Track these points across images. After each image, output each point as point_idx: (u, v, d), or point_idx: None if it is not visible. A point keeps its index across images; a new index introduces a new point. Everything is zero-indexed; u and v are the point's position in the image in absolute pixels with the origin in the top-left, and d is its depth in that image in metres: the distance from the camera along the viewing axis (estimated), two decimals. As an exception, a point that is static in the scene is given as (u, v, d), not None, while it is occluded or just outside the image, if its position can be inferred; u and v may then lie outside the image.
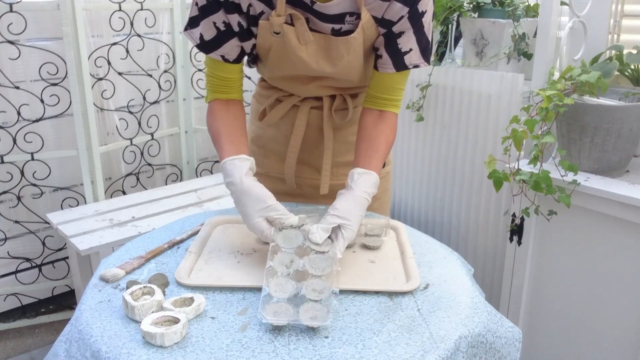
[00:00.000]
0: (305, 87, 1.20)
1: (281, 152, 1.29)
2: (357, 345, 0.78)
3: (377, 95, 1.16)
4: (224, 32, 1.10)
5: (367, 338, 0.80)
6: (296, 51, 1.09)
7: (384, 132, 1.14)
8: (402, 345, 0.78)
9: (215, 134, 1.13)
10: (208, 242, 1.08)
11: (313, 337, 0.80)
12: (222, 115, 1.15)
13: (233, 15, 1.08)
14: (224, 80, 1.16)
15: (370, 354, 0.76)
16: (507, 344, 0.90)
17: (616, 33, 1.75)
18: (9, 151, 2.06)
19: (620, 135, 1.47)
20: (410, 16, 1.07)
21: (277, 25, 1.06)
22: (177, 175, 2.63)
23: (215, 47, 1.11)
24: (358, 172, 1.06)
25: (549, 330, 1.67)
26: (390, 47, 1.10)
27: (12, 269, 2.21)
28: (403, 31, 1.08)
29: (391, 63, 1.12)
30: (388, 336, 0.80)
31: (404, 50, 1.10)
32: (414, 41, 1.10)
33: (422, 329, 0.82)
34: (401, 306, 0.88)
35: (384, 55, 1.12)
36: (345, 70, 1.13)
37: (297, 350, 0.77)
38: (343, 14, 1.07)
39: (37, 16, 2.05)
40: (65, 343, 0.86)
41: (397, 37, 1.09)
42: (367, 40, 1.10)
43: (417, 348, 0.78)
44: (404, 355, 0.76)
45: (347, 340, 0.79)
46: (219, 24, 1.09)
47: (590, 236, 1.52)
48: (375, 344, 0.78)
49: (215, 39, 1.10)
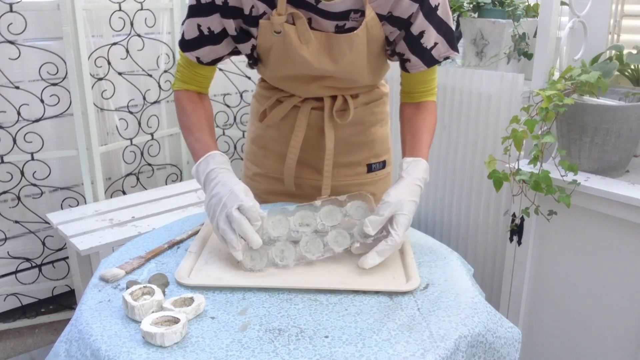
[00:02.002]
0: (307, 87, 1.20)
1: (282, 153, 1.29)
2: (357, 344, 0.78)
3: (412, 90, 1.19)
4: (206, 37, 1.11)
5: (367, 337, 0.80)
6: (297, 50, 1.09)
7: (424, 119, 1.17)
8: (402, 344, 0.78)
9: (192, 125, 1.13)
10: (208, 242, 1.08)
11: (313, 337, 0.80)
12: (196, 106, 1.16)
13: (229, 20, 1.08)
14: (197, 76, 1.18)
15: (370, 352, 0.76)
16: (506, 344, 0.90)
17: (616, 33, 1.75)
18: (9, 151, 2.06)
19: (620, 135, 1.47)
20: (425, 14, 1.07)
21: (278, 24, 1.06)
22: (177, 175, 2.63)
23: (192, 48, 1.13)
24: (407, 161, 1.08)
25: (549, 330, 1.67)
26: (416, 49, 1.11)
27: (12, 269, 2.21)
28: (423, 30, 1.09)
29: (421, 62, 1.13)
30: (388, 334, 0.80)
31: (430, 47, 1.11)
32: (437, 35, 1.11)
33: (422, 327, 0.82)
34: (401, 306, 0.88)
35: (412, 59, 1.13)
36: (347, 68, 1.13)
37: (297, 350, 0.77)
38: (348, 11, 1.07)
39: (37, 16, 2.05)
40: (65, 343, 0.86)
41: (420, 38, 1.10)
42: (371, 40, 1.10)
43: (417, 347, 0.78)
44: (404, 353, 0.76)
45: (347, 340, 0.79)
46: (204, 27, 1.10)
47: (590, 236, 1.52)
48: (375, 343, 0.78)
49: (196, 40, 1.12)
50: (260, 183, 1.35)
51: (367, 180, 1.32)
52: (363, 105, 1.28)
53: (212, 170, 1.03)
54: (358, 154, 1.30)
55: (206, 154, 1.06)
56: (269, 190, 1.34)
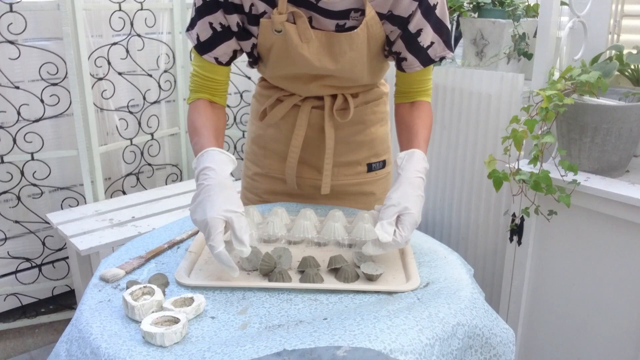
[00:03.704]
0: (307, 86, 1.20)
1: (282, 152, 1.29)
2: (356, 318, 0.80)
3: (407, 90, 1.19)
4: (220, 33, 1.10)
5: (365, 314, 0.81)
6: (298, 49, 1.09)
7: (418, 117, 1.16)
8: (401, 319, 0.80)
9: (200, 126, 1.08)
10: (208, 242, 1.08)
11: (312, 322, 0.80)
12: (208, 112, 1.13)
13: (232, 15, 1.08)
14: (211, 82, 1.15)
15: (369, 324, 0.78)
16: (502, 342, 0.91)
17: (616, 33, 1.75)
18: (9, 151, 2.06)
19: (620, 135, 1.47)
20: (423, 12, 1.07)
21: (279, 23, 1.06)
22: (177, 175, 2.63)
23: (210, 49, 1.11)
24: (400, 156, 1.06)
25: (549, 330, 1.67)
26: (413, 47, 1.11)
27: (12, 269, 2.21)
28: (421, 28, 1.09)
29: (417, 61, 1.13)
30: (387, 312, 0.82)
31: (427, 45, 1.11)
32: (434, 34, 1.11)
33: (421, 309, 0.83)
34: (400, 297, 0.90)
35: (408, 57, 1.13)
36: (347, 67, 1.13)
37: (297, 329, 0.76)
38: (348, 10, 1.07)
39: (37, 16, 2.05)
40: (66, 343, 0.86)
41: (417, 36, 1.10)
42: (372, 38, 1.10)
43: (415, 322, 0.79)
44: (402, 325, 0.78)
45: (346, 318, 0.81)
46: (215, 24, 1.09)
47: (590, 236, 1.52)
48: (375, 317, 0.80)
49: (211, 39, 1.11)
50: (260, 183, 1.35)
51: (367, 180, 1.32)
52: (363, 105, 1.27)
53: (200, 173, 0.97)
54: (358, 153, 1.30)
55: (201, 151, 1.01)
56: (269, 190, 1.34)
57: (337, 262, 0.96)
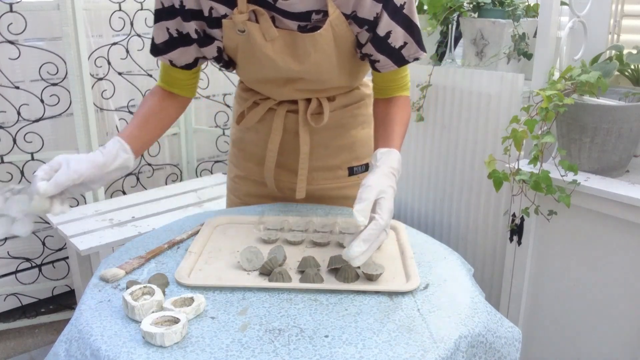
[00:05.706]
0: (280, 90, 1.19)
1: (260, 156, 1.28)
2: (357, 345, 0.78)
3: (383, 86, 1.17)
4: (176, 39, 1.12)
5: (367, 338, 0.80)
6: (262, 48, 1.07)
7: (395, 112, 1.14)
8: (402, 345, 0.78)
9: (136, 113, 1.15)
10: (208, 242, 1.08)
11: (313, 337, 0.80)
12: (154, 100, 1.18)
13: (189, 23, 1.08)
14: (170, 77, 1.19)
15: (370, 353, 0.76)
16: (506, 344, 0.90)
17: (616, 33, 1.75)
18: (9, 151, 2.06)
19: (620, 135, 1.47)
20: (390, 14, 1.04)
21: (241, 22, 1.05)
22: (177, 175, 2.63)
23: (163, 52, 1.14)
24: (380, 152, 1.05)
25: (549, 330, 1.67)
26: (384, 49, 1.08)
27: (12, 269, 2.21)
28: (390, 30, 1.06)
29: (390, 62, 1.10)
30: (388, 336, 0.80)
31: (399, 46, 1.08)
32: (406, 34, 1.08)
33: (422, 328, 0.82)
34: (401, 306, 0.88)
35: (380, 59, 1.10)
36: (313, 69, 1.11)
37: (297, 350, 0.77)
38: (309, 12, 1.04)
39: (37, 16, 2.05)
40: (65, 343, 0.86)
41: (387, 38, 1.07)
42: (339, 38, 1.07)
43: (417, 348, 0.78)
44: (404, 355, 0.76)
45: (347, 340, 0.79)
46: (172, 30, 1.11)
47: (590, 236, 1.52)
48: (375, 344, 0.78)
49: (166, 43, 1.12)
50: (241, 185, 1.35)
51: (348, 184, 1.29)
52: (342, 108, 1.25)
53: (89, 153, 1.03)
54: (338, 157, 1.28)
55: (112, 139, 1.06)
56: (249, 192, 1.34)
57: (337, 262, 0.96)
